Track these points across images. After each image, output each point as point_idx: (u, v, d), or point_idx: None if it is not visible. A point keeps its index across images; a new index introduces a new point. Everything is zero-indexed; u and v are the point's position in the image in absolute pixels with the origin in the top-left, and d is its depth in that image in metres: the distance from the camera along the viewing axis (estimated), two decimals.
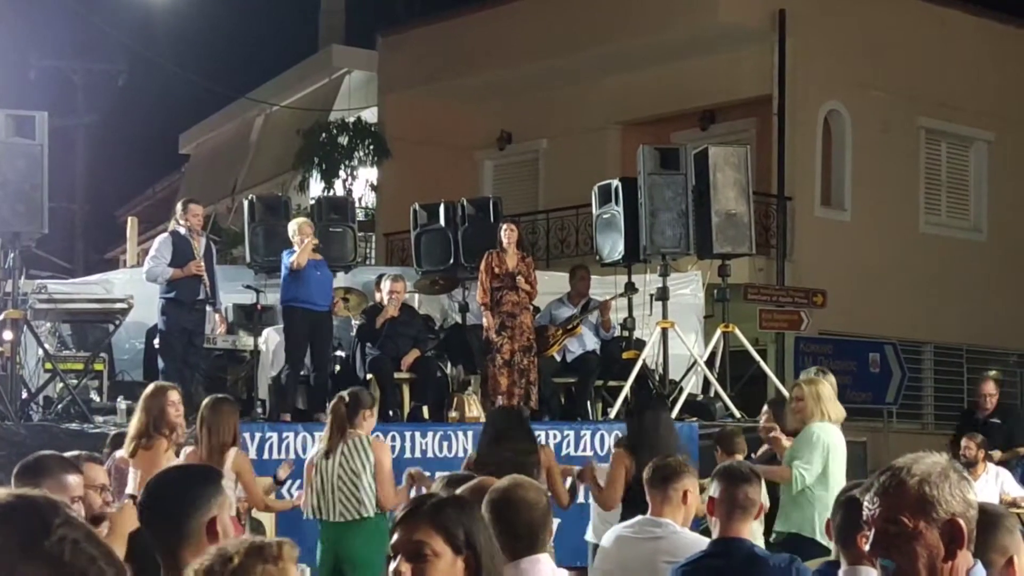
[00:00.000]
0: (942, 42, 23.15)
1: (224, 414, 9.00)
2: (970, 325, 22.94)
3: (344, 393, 9.60)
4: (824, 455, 9.48)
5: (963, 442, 12.84)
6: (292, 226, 13.50)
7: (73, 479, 5.31)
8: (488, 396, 13.45)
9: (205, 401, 9.21)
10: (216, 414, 8.98)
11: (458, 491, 5.59)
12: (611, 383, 14.37)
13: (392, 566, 3.46)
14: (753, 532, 8.88)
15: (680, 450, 8.90)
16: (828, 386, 9.87)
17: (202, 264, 13.13)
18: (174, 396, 9.14)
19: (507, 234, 13.56)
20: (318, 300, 13.23)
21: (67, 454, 6.31)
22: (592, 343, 14.44)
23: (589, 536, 10.02)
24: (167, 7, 26.32)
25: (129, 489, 8.41)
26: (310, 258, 13.18)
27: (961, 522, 3.00)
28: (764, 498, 6.08)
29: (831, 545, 4.82)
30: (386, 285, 13.71)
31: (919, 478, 3.03)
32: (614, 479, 9.05)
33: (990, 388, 14.20)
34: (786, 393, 14.95)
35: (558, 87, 23.88)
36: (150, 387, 9.38)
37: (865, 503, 3.11)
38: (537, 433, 12.59)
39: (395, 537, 3.47)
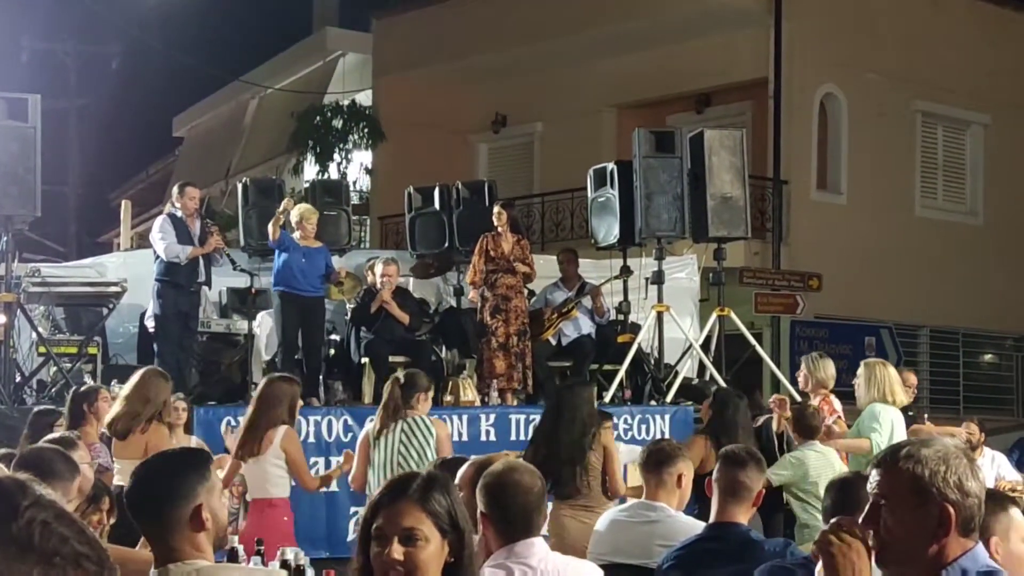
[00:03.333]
0: (938, 25, 23.11)
1: (277, 391, 9.07)
2: (966, 309, 22.93)
3: (400, 375, 9.63)
4: (890, 429, 9.97)
5: (969, 426, 12.91)
6: (295, 212, 13.42)
7: (74, 483, 5.32)
8: (483, 379, 13.45)
9: (263, 379, 9.41)
10: (268, 391, 9.10)
11: (460, 472, 5.57)
12: (606, 367, 14.35)
13: (376, 550, 3.40)
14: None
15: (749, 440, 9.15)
16: (891, 370, 10.59)
17: (221, 240, 13.15)
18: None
19: (497, 218, 13.53)
20: (306, 286, 13.16)
21: (57, 435, 6.31)
22: (587, 327, 14.41)
23: None
24: None
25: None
26: (303, 245, 13.09)
27: (951, 508, 3.01)
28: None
29: None
30: (378, 268, 13.65)
31: (915, 460, 3.05)
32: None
33: (915, 380, 13.94)
34: (781, 376, 15.01)
35: (553, 70, 23.82)
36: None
37: (871, 475, 3.13)
38: (533, 417, 12.65)
39: (382, 519, 3.42)
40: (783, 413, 10.52)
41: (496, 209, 13.71)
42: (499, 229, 13.51)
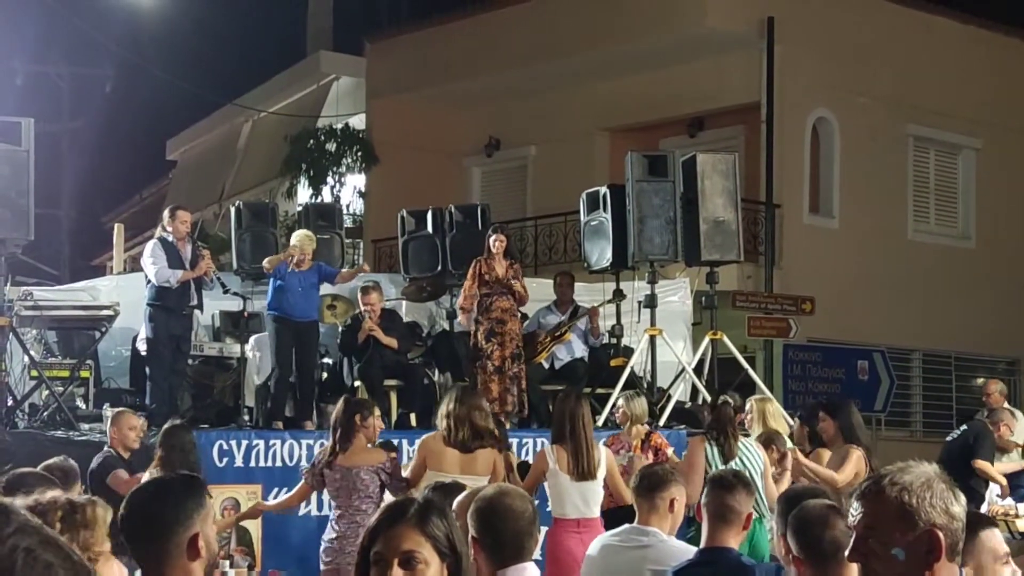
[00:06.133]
0: (930, 49, 23.17)
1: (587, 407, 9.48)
2: (959, 332, 22.94)
3: (727, 397, 9.93)
4: None
5: None
6: (294, 238, 13.48)
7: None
8: None
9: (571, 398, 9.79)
10: (585, 408, 9.41)
11: (457, 500, 5.55)
12: (599, 390, 14.33)
13: (374, 573, 3.38)
14: None
15: None
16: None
17: (212, 264, 13.16)
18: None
19: (497, 245, 13.49)
20: (300, 312, 13.18)
21: (50, 460, 6.28)
22: (580, 350, 14.41)
23: None
24: (155, 12, 26.28)
25: None
26: (298, 270, 13.09)
27: (940, 534, 2.99)
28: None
29: None
30: (360, 297, 13.72)
31: (900, 487, 3.03)
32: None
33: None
34: (774, 400, 14.99)
35: (546, 93, 23.86)
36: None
37: (852, 508, 3.11)
38: (525, 440, 12.62)
39: (381, 544, 3.40)
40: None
41: (496, 236, 13.63)
42: (493, 252, 13.50)
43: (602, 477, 9.32)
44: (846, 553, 3.12)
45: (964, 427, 13.64)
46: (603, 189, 14.96)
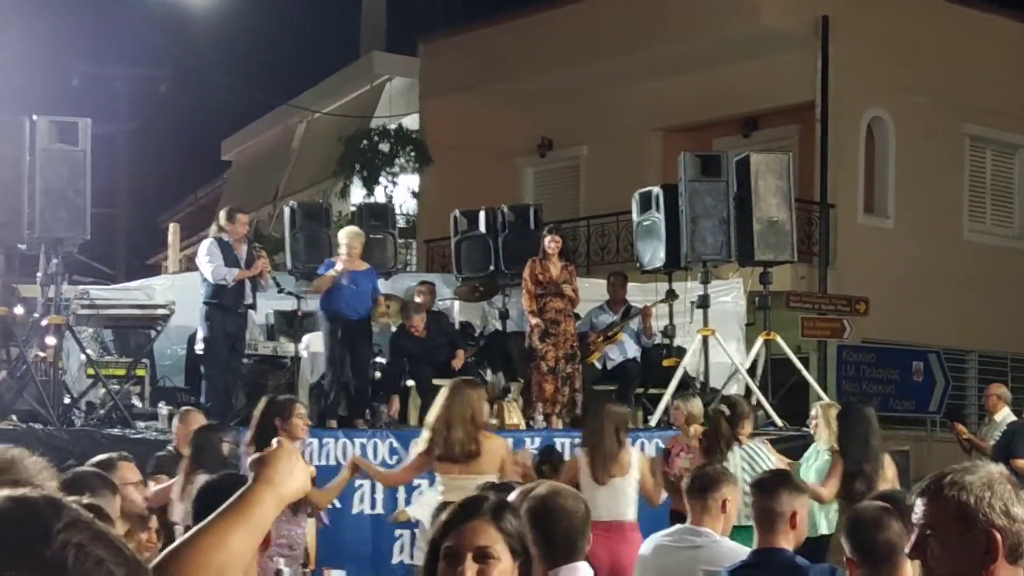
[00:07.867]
0: (986, 48, 22.98)
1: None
2: (1015, 333, 22.72)
3: (723, 405, 10.16)
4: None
5: None
6: (340, 235, 13.50)
7: (115, 499, 5.33)
8: (530, 403, 13.43)
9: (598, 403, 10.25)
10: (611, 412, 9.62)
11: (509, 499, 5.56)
12: (652, 391, 14.32)
13: (446, 570, 3.33)
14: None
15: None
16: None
17: (268, 263, 13.22)
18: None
19: (552, 245, 13.48)
20: (351, 311, 13.20)
21: (99, 457, 6.34)
22: (633, 351, 14.39)
23: None
24: (209, 14, 26.45)
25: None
26: (349, 269, 13.10)
27: (997, 535, 2.98)
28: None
29: None
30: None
31: (959, 487, 3.02)
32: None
33: None
34: (828, 401, 14.91)
35: (599, 93, 23.83)
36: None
37: (915, 506, 3.12)
38: (577, 440, 12.62)
39: (455, 538, 3.36)
40: None
41: (552, 237, 13.60)
42: (548, 253, 13.48)
43: (634, 479, 9.32)
44: (906, 550, 3.13)
45: (1005, 428, 13.57)
46: (656, 189, 14.93)
